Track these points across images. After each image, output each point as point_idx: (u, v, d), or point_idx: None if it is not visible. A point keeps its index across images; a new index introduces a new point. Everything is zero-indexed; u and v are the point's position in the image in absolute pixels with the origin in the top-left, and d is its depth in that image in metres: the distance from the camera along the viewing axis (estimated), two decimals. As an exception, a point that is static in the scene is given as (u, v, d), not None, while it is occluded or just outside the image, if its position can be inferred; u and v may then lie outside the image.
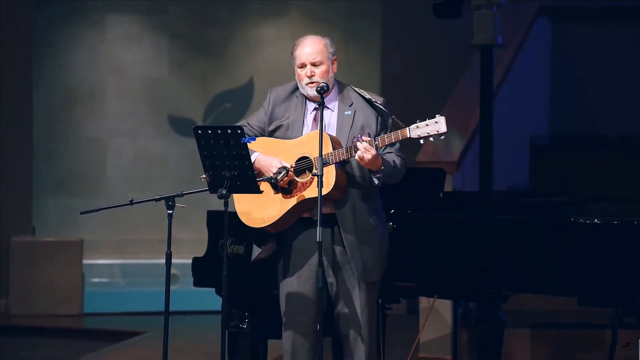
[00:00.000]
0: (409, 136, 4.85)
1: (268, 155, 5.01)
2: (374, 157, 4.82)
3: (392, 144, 4.96)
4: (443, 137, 4.86)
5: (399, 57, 11.15)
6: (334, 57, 5.05)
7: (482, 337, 6.08)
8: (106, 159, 11.75)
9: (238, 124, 5.19)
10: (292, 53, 5.05)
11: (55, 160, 11.63)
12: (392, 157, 4.97)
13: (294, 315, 5.06)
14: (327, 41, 5.05)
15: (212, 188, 4.93)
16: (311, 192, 4.89)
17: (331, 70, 5.02)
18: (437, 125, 4.82)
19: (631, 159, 9.41)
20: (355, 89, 5.09)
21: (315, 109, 5.04)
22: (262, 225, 5.02)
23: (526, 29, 9.37)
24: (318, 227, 4.71)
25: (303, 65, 5.00)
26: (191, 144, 5.95)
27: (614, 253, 5.18)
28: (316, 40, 5.02)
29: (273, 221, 4.98)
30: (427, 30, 10.58)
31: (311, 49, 5.00)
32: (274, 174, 4.93)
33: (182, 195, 5.08)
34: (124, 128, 11.78)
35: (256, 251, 5.14)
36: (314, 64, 4.99)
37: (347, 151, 4.88)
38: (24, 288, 10.34)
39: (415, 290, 6.25)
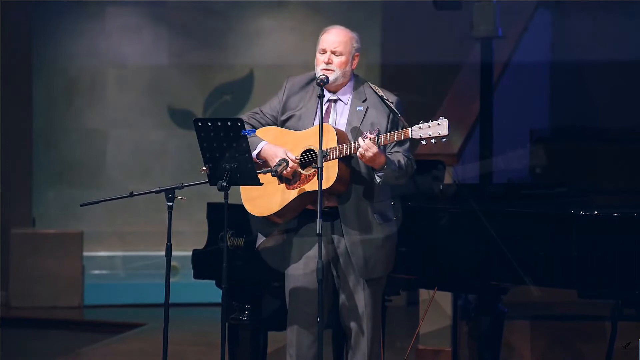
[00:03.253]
0: (410, 136, 4.85)
1: (276, 145, 5.03)
2: (375, 155, 4.81)
3: (401, 144, 4.97)
4: (444, 139, 4.85)
5: (399, 50, 11.13)
6: (357, 53, 5.07)
7: (482, 329, 6.08)
8: (106, 150, 11.74)
9: (251, 111, 5.21)
10: (318, 38, 5.08)
11: (56, 151, 11.61)
12: (399, 157, 4.96)
13: (297, 306, 5.06)
14: (355, 36, 5.08)
15: (212, 180, 4.93)
16: (312, 185, 4.89)
17: (350, 64, 5.05)
18: (439, 127, 4.81)
19: (631, 151, 9.41)
20: (371, 85, 5.09)
21: (328, 100, 5.06)
22: (266, 215, 5.04)
23: (526, 21, 9.36)
24: (318, 220, 4.71)
25: (324, 51, 5.04)
26: (191, 135, 5.95)
27: (614, 245, 5.19)
28: (344, 32, 5.06)
29: (275, 211, 5.00)
30: (427, 23, 10.57)
31: (335, 38, 5.04)
32: (274, 166, 4.94)
33: (182, 187, 5.08)
34: (124, 119, 11.76)
35: (260, 239, 5.14)
36: (334, 52, 5.02)
37: (350, 147, 4.88)
38: (24, 280, 10.34)
39: (415, 282, 6.26)
